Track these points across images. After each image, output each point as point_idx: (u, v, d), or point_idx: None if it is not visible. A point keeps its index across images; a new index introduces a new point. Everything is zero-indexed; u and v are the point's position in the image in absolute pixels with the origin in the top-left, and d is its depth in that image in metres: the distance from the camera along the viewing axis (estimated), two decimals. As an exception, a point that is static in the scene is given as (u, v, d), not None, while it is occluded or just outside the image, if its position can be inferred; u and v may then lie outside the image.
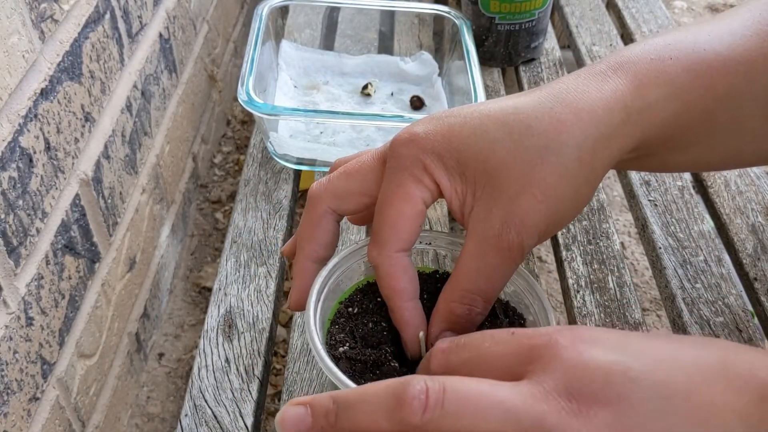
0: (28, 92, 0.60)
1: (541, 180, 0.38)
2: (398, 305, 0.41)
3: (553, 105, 0.39)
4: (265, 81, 0.80)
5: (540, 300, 0.44)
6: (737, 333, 0.59)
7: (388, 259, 0.40)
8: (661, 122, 0.41)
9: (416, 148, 0.39)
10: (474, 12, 0.90)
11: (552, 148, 0.38)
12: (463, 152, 0.39)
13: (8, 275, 0.58)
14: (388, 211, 0.40)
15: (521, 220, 0.38)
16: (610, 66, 0.41)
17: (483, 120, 0.39)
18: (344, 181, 0.42)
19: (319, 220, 0.43)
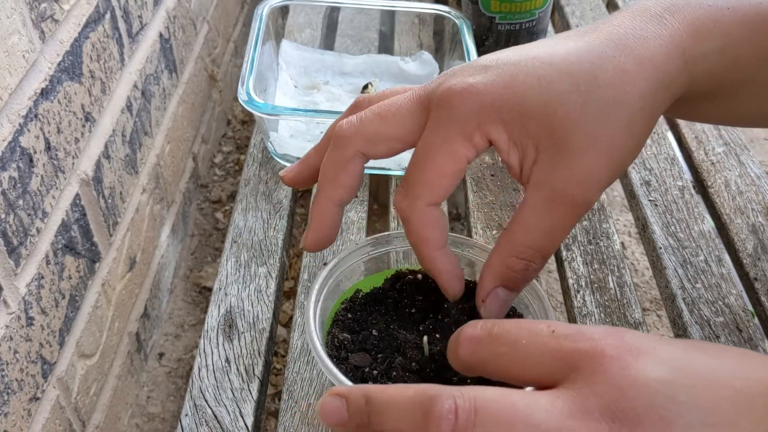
0: (28, 92, 0.60)
1: (608, 135, 0.37)
2: (430, 254, 0.40)
3: (615, 53, 0.37)
4: (266, 81, 0.80)
5: (540, 300, 0.44)
6: (737, 333, 0.59)
7: (420, 212, 0.39)
8: (710, 74, 0.40)
9: (473, 101, 0.37)
10: (474, 12, 0.90)
11: (618, 100, 0.37)
12: (527, 105, 0.37)
13: (8, 275, 0.58)
14: (428, 166, 0.38)
15: (587, 175, 0.37)
16: (665, 8, 0.39)
17: (547, 70, 0.37)
18: (378, 124, 0.40)
19: (347, 162, 0.40)
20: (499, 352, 0.32)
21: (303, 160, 0.44)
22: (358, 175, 0.41)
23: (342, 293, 0.46)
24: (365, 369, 0.40)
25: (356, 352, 0.41)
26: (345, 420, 0.32)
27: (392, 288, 0.45)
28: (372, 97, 0.43)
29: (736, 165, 0.75)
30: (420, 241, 0.40)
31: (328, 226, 0.42)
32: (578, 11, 1.03)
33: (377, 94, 0.43)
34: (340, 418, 0.32)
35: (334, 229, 0.42)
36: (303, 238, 0.43)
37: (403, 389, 0.31)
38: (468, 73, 0.38)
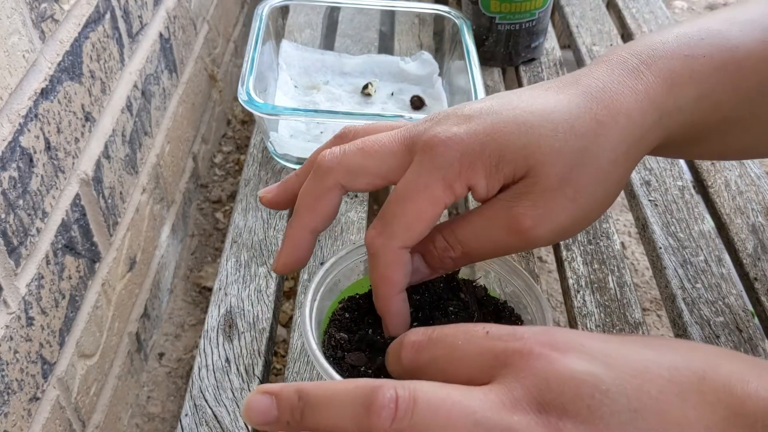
0: (28, 92, 0.60)
1: (577, 181, 0.38)
2: (389, 296, 0.41)
3: (592, 105, 0.39)
4: (266, 81, 0.80)
5: (538, 300, 0.44)
6: (737, 333, 0.59)
7: (392, 252, 0.39)
8: (688, 122, 0.41)
9: (456, 150, 0.38)
10: (474, 12, 0.90)
11: (592, 151, 0.38)
12: (506, 149, 0.38)
13: (8, 275, 0.58)
14: (408, 208, 0.39)
15: (547, 214, 0.38)
16: (642, 60, 0.40)
17: (527, 117, 0.39)
18: (360, 158, 0.41)
19: (326, 192, 0.41)
20: (438, 355, 0.34)
21: (282, 183, 0.45)
22: (334, 206, 0.42)
23: (340, 292, 0.46)
24: (361, 368, 0.40)
25: (352, 352, 0.41)
26: (273, 418, 0.32)
27: None
28: (358, 129, 0.44)
29: (736, 165, 0.75)
30: (383, 281, 0.40)
31: (299, 250, 0.43)
32: (578, 11, 1.03)
33: (363, 127, 0.44)
34: (268, 416, 0.32)
35: (306, 254, 0.43)
36: (275, 259, 0.44)
37: (343, 383, 0.32)
38: (452, 122, 0.39)
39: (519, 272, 0.45)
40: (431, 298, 0.45)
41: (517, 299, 0.45)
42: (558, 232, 0.39)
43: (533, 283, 0.45)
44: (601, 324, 0.61)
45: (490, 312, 0.45)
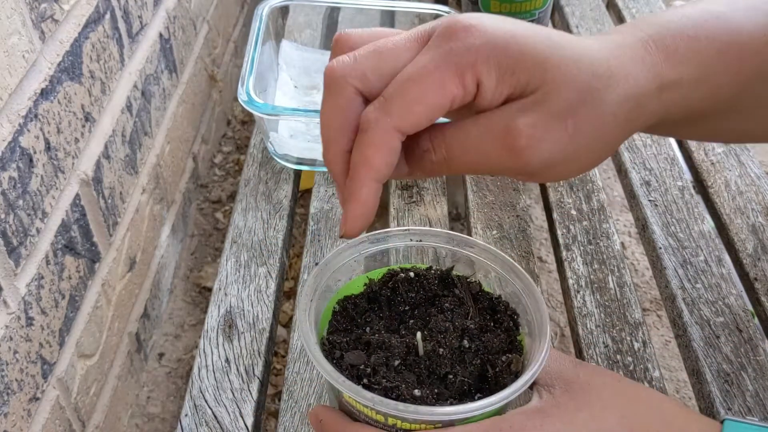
0: (28, 92, 0.60)
1: (581, 117, 0.37)
2: (363, 178, 0.37)
3: (610, 57, 0.39)
4: (266, 81, 0.80)
5: (537, 302, 0.44)
6: (737, 333, 0.59)
7: (383, 131, 0.36)
8: (687, 101, 0.41)
9: (477, 37, 0.36)
10: (474, 12, 0.90)
11: (601, 93, 0.38)
12: (528, 55, 0.36)
13: (8, 275, 0.58)
14: (411, 87, 0.36)
15: (544, 139, 0.36)
16: (650, 35, 0.40)
17: (556, 38, 0.38)
18: (375, 59, 0.37)
19: (349, 103, 0.37)
20: None
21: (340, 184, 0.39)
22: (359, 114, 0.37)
23: (337, 291, 0.46)
24: (360, 367, 0.40)
25: (351, 351, 0.41)
26: None
27: (385, 286, 0.45)
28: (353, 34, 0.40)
29: (736, 165, 0.75)
30: (364, 161, 0.36)
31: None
32: (578, 11, 1.03)
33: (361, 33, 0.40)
34: None
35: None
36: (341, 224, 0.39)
37: None
38: (478, 17, 0.37)
39: (519, 274, 0.45)
40: (426, 295, 0.45)
41: (517, 300, 0.45)
42: (547, 164, 0.37)
43: (531, 281, 0.44)
44: (601, 324, 0.61)
45: (485, 307, 0.45)
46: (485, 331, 0.43)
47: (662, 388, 0.56)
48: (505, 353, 0.42)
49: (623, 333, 0.60)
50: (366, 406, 0.38)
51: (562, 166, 0.38)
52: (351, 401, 0.39)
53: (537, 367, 0.39)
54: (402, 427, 0.38)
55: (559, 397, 0.40)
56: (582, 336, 0.60)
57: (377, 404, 0.37)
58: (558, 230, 0.70)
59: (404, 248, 0.48)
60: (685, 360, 0.60)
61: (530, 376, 0.39)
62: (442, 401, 0.40)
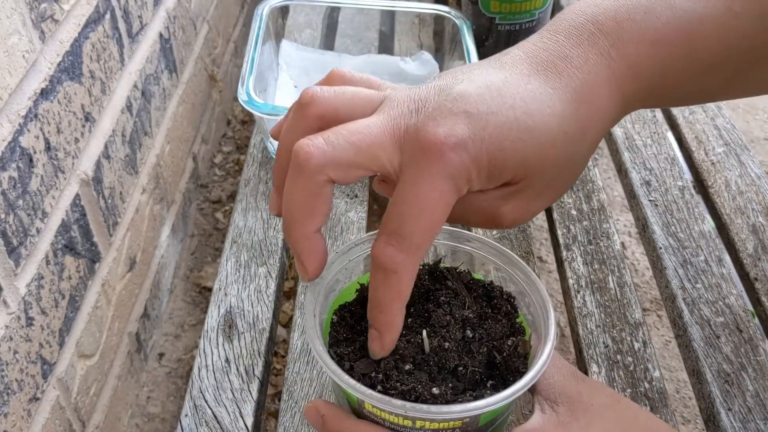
0: (28, 92, 0.60)
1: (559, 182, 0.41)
2: (399, 311, 0.40)
3: (578, 106, 0.39)
4: (266, 81, 0.80)
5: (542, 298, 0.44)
6: (737, 333, 0.59)
7: (412, 266, 0.38)
8: (646, 100, 0.43)
9: (466, 155, 0.37)
10: (474, 12, 0.90)
11: (576, 153, 0.40)
12: (510, 160, 0.38)
13: (8, 275, 0.58)
14: (424, 220, 0.37)
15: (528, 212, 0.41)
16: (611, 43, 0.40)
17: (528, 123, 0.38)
18: (351, 154, 0.38)
19: (319, 190, 0.39)
20: None
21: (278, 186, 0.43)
22: (330, 200, 0.40)
23: (341, 292, 0.46)
24: (371, 374, 0.40)
25: (359, 360, 0.41)
26: None
27: None
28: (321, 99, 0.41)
29: (737, 165, 0.75)
30: (398, 297, 0.39)
31: (319, 252, 0.41)
32: (578, 11, 1.03)
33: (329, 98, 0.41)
34: None
35: (325, 250, 0.42)
36: (301, 273, 0.42)
37: None
38: (452, 121, 0.38)
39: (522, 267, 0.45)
40: (419, 292, 0.45)
41: (522, 296, 0.45)
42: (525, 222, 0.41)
43: (535, 276, 0.45)
44: (601, 324, 0.61)
45: (480, 295, 0.45)
46: (485, 319, 0.44)
47: (662, 388, 0.56)
48: (509, 337, 0.43)
49: (623, 333, 0.60)
50: (398, 414, 0.38)
51: (536, 214, 0.43)
52: (375, 410, 0.39)
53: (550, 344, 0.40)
54: (430, 427, 0.39)
55: (562, 416, 0.41)
56: (582, 336, 0.60)
57: (409, 410, 0.37)
58: (558, 230, 0.70)
59: None
60: (685, 360, 0.60)
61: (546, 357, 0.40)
62: (460, 394, 0.40)
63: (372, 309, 0.40)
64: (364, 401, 0.39)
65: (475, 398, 0.39)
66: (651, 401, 0.55)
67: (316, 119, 0.40)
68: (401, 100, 0.40)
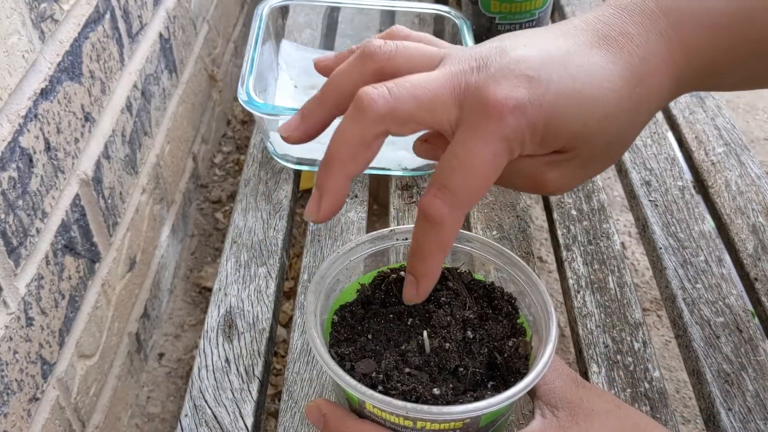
0: (28, 92, 0.60)
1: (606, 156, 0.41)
2: (440, 261, 0.40)
3: (634, 83, 0.39)
4: (266, 81, 0.80)
5: (542, 297, 0.44)
6: (738, 333, 0.59)
7: (458, 220, 0.39)
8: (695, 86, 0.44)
9: (524, 119, 0.37)
10: (474, 12, 0.90)
11: (627, 130, 0.41)
12: (564, 128, 0.38)
13: (8, 275, 0.58)
14: (476, 177, 0.38)
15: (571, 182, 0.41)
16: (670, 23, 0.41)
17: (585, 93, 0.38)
18: (413, 107, 0.38)
19: (373, 139, 0.39)
20: None
21: (306, 115, 0.42)
22: (377, 152, 0.40)
23: (341, 292, 0.46)
24: (372, 375, 0.40)
25: (360, 360, 0.41)
26: None
27: (378, 289, 0.45)
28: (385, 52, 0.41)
29: (737, 165, 0.75)
30: (441, 248, 0.39)
31: (340, 198, 0.41)
32: (578, 11, 1.03)
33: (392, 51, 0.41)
34: None
35: (343, 201, 0.41)
36: (311, 209, 0.41)
37: None
38: (513, 83, 0.38)
39: (523, 268, 0.45)
40: None
41: (521, 296, 0.45)
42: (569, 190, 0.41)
43: (536, 276, 0.45)
44: (601, 324, 0.61)
45: (481, 295, 0.45)
46: (486, 319, 0.44)
47: (662, 388, 0.56)
48: (510, 338, 0.43)
49: (623, 333, 0.60)
50: (399, 415, 0.38)
51: (580, 183, 0.43)
52: (375, 411, 0.39)
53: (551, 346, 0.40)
54: (431, 428, 0.39)
55: (563, 421, 0.41)
56: (582, 336, 0.60)
57: (410, 411, 0.37)
58: (558, 230, 0.70)
59: (404, 248, 0.48)
60: (685, 360, 0.60)
61: (548, 358, 0.40)
62: (461, 395, 0.40)
63: (412, 257, 0.40)
64: (365, 401, 0.39)
65: (476, 399, 0.39)
66: (651, 401, 0.55)
67: (375, 72, 0.41)
68: (463, 57, 0.40)
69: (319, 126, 0.42)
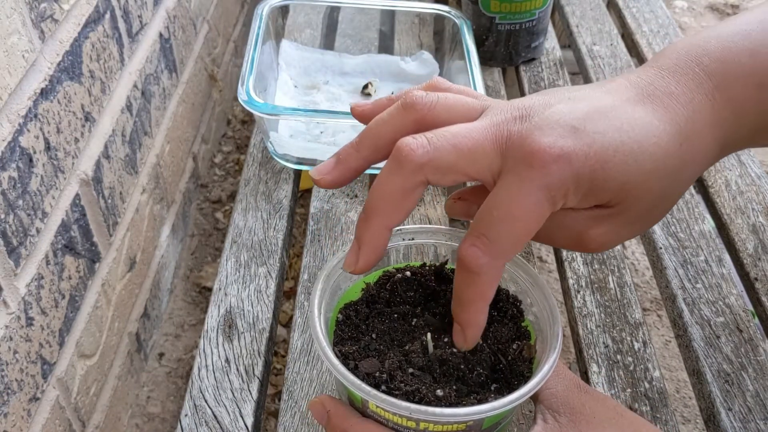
0: (28, 92, 0.60)
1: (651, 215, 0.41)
2: (482, 310, 0.40)
3: (681, 141, 0.39)
4: (266, 81, 0.80)
5: (544, 295, 0.44)
6: (738, 333, 0.59)
7: (498, 270, 0.38)
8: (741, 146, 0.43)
9: (568, 169, 0.37)
10: (474, 12, 0.90)
11: (673, 189, 0.40)
12: (611, 180, 0.38)
13: (8, 275, 0.58)
14: (517, 227, 0.37)
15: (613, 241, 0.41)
16: (716, 85, 0.40)
17: (633, 147, 0.38)
18: (453, 156, 0.38)
19: (414, 189, 0.39)
20: None
21: (342, 160, 0.42)
22: (417, 201, 0.40)
23: (342, 294, 0.46)
24: (375, 374, 0.40)
25: (363, 360, 0.41)
26: None
27: (383, 289, 0.45)
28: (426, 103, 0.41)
29: (737, 165, 0.75)
30: (482, 298, 0.39)
31: (380, 250, 0.41)
32: (578, 11, 1.03)
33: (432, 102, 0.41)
34: None
35: (384, 251, 0.41)
36: (350, 261, 0.41)
37: None
38: (559, 134, 0.37)
39: (524, 266, 0.45)
40: (425, 293, 0.45)
41: (524, 296, 0.45)
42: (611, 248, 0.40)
43: (537, 274, 0.45)
44: (601, 324, 0.61)
45: None
46: (491, 322, 0.44)
47: (662, 388, 0.56)
48: (514, 341, 0.43)
49: (623, 333, 0.60)
50: (402, 416, 0.38)
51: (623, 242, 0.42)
52: (379, 410, 0.39)
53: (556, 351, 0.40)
54: (434, 429, 0.39)
55: (564, 426, 0.40)
56: (582, 336, 0.60)
57: (414, 412, 0.37)
58: (558, 230, 0.70)
59: (404, 248, 0.48)
60: (685, 360, 0.60)
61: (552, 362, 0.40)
62: (464, 397, 0.40)
63: (455, 305, 0.40)
64: (368, 401, 0.39)
65: (479, 401, 0.39)
66: (651, 401, 0.55)
67: (415, 122, 0.40)
68: (505, 108, 0.40)
69: (353, 172, 0.42)
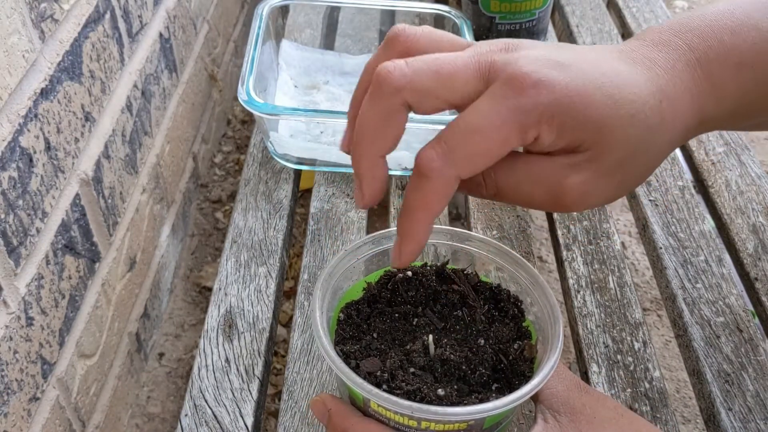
0: (28, 92, 0.60)
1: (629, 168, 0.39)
2: (422, 220, 0.38)
3: (662, 99, 0.39)
4: (266, 81, 0.80)
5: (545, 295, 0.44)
6: (738, 333, 0.59)
7: (446, 180, 0.37)
8: (719, 126, 0.43)
9: (546, 97, 0.36)
10: (474, 12, 0.90)
11: (651, 142, 0.39)
12: (588, 118, 0.37)
13: (8, 275, 0.58)
14: (476, 140, 0.36)
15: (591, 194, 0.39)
16: (698, 59, 0.40)
17: (613, 91, 0.37)
18: (432, 81, 0.37)
19: (394, 113, 0.38)
20: None
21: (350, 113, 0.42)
22: (402, 127, 0.39)
23: (343, 294, 0.46)
24: (377, 373, 0.40)
25: (365, 359, 0.41)
26: None
27: (384, 288, 0.45)
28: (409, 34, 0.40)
29: (737, 165, 0.75)
30: (424, 205, 0.38)
31: (379, 179, 0.40)
32: (578, 11, 1.03)
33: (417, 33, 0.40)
34: None
35: (385, 181, 0.40)
36: (357, 196, 0.40)
37: None
38: (543, 64, 0.37)
39: (525, 266, 0.45)
40: (426, 293, 0.45)
41: (525, 296, 0.45)
42: (589, 208, 0.39)
43: (538, 275, 0.45)
44: (601, 324, 0.61)
45: (487, 297, 0.45)
46: (492, 322, 0.44)
47: (662, 388, 0.56)
48: (516, 340, 0.43)
49: (623, 333, 0.60)
50: (404, 415, 0.38)
51: (601, 203, 0.41)
52: (380, 409, 0.39)
53: (557, 351, 0.40)
54: (435, 428, 0.39)
55: (565, 426, 0.40)
56: (582, 336, 0.60)
57: (416, 411, 0.37)
58: (558, 230, 0.70)
59: None
60: (685, 360, 0.60)
61: (554, 362, 0.40)
62: (465, 397, 0.40)
63: (400, 213, 0.39)
64: (370, 400, 0.39)
65: (481, 401, 0.39)
66: (651, 401, 0.55)
67: (401, 53, 0.40)
68: (492, 41, 0.39)
69: None
